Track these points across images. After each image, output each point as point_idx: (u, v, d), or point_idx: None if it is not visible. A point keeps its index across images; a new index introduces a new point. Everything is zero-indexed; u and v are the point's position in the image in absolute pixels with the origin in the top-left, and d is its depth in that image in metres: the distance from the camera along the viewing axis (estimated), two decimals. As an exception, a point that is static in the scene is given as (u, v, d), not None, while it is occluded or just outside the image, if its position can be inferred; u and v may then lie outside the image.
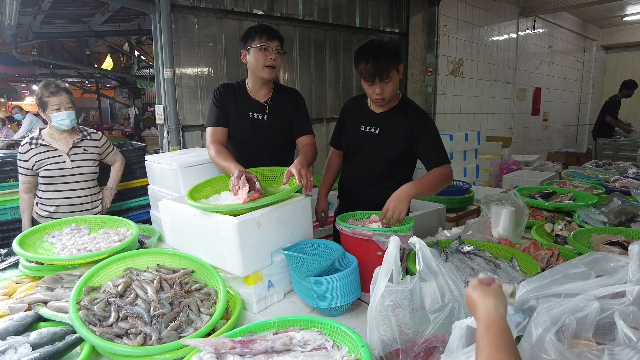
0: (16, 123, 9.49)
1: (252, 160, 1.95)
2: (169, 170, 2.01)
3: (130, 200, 3.19)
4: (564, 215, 2.33)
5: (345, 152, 2.18)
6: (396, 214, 1.60)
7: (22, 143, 2.42)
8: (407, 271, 1.48)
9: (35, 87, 13.48)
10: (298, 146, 2.16)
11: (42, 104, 2.36)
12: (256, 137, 2.09)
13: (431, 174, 1.86)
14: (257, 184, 1.54)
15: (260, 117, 2.09)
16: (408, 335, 1.02)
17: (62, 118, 2.36)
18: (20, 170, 2.42)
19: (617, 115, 6.90)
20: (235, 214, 1.37)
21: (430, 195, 1.97)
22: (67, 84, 2.51)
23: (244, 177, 1.54)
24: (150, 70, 8.49)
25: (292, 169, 1.63)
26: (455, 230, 2.16)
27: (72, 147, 2.45)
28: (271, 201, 1.44)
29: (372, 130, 2.01)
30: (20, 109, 9.12)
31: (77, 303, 1.21)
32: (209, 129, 2.07)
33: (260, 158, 2.01)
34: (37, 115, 10.50)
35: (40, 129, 2.49)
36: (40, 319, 1.26)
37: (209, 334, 1.16)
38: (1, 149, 5.48)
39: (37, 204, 2.50)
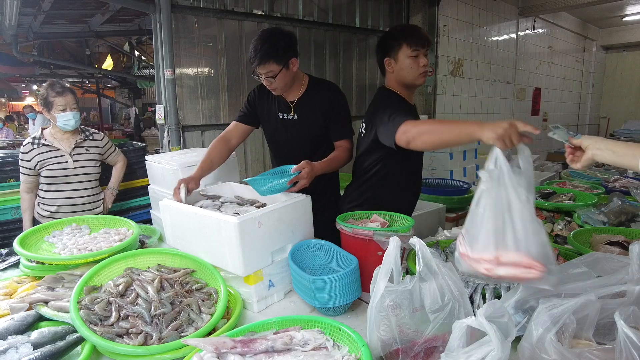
0: (15, 123, 9.48)
1: (289, 158, 1.90)
2: (169, 170, 2.02)
3: (131, 200, 3.20)
4: (564, 215, 2.33)
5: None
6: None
7: (24, 143, 2.43)
8: (407, 271, 1.48)
9: (35, 87, 13.51)
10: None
11: (47, 104, 2.36)
12: (288, 137, 2.08)
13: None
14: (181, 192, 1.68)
15: (289, 117, 2.05)
16: (408, 335, 1.02)
17: (67, 118, 2.38)
18: (22, 170, 2.42)
19: None
20: None
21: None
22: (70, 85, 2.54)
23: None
24: (151, 70, 8.49)
25: (300, 166, 1.64)
26: (455, 230, 2.16)
27: (75, 147, 2.46)
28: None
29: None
30: (32, 108, 9.23)
31: (78, 303, 1.21)
32: (231, 124, 2.12)
33: (295, 157, 1.85)
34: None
35: (43, 129, 2.49)
36: (41, 318, 1.26)
37: (209, 334, 1.17)
38: (12, 147, 5.45)
39: (38, 203, 2.50)
